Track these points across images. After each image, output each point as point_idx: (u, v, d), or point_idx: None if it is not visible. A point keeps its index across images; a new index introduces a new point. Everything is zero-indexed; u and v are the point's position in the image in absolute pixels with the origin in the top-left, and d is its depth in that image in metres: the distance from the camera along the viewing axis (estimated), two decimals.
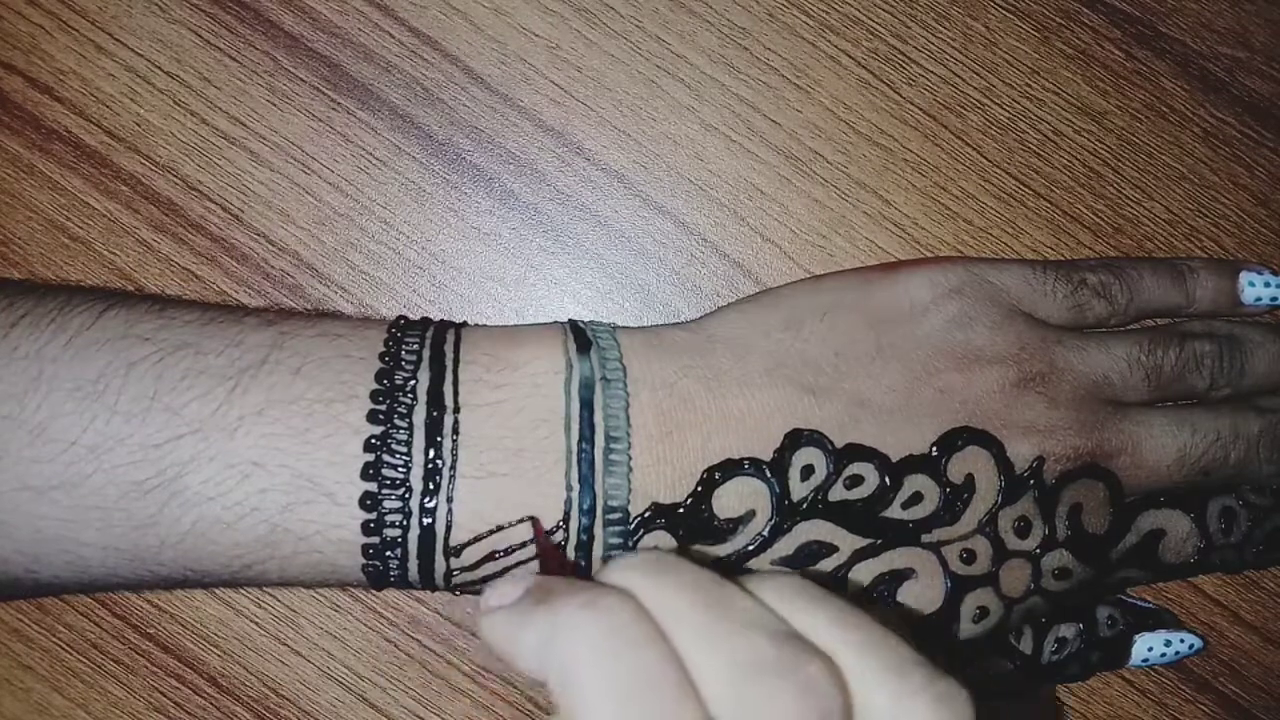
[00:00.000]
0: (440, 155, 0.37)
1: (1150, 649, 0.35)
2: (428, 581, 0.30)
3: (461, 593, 0.31)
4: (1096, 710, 0.38)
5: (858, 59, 0.37)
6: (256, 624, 0.36)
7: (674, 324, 0.33)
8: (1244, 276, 0.36)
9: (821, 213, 0.37)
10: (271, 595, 0.36)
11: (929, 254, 0.37)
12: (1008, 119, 0.37)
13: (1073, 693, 0.37)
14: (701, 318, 0.33)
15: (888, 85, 0.37)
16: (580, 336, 0.31)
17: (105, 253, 0.36)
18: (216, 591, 0.36)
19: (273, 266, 0.36)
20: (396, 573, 0.29)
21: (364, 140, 0.36)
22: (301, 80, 0.36)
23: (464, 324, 0.32)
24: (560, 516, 0.29)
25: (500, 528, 0.29)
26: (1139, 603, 0.36)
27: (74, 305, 0.30)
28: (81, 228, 0.36)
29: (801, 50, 0.37)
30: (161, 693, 0.36)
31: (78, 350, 0.29)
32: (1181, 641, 0.35)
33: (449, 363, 0.30)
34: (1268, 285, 0.35)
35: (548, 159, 0.37)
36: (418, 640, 0.36)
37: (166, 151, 0.36)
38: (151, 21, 0.36)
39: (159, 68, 0.36)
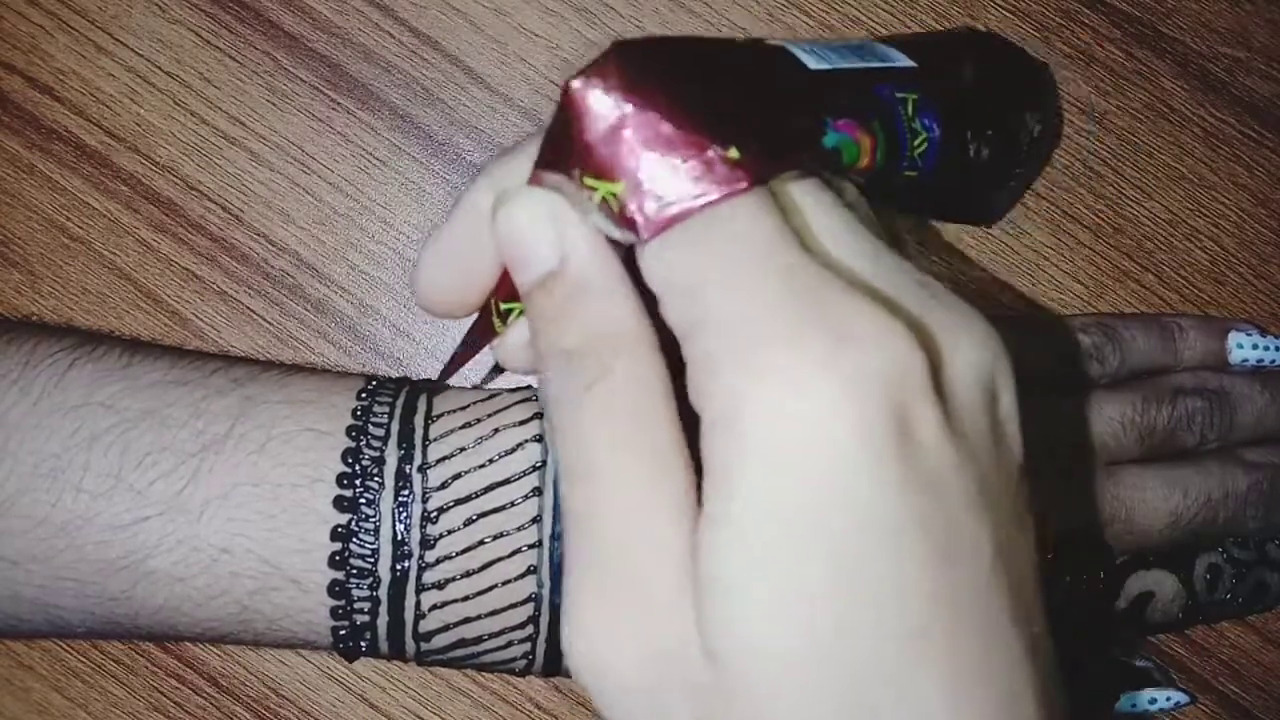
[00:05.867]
0: (440, 155, 0.37)
1: (1134, 705, 0.35)
2: (398, 657, 0.30)
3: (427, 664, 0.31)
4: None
5: None
6: None
7: None
8: (1232, 338, 0.35)
9: None
10: None
11: (928, 253, 0.37)
12: None
13: None
14: None
15: None
16: None
17: (105, 253, 0.36)
18: None
19: (273, 266, 0.36)
20: (367, 651, 0.30)
21: (364, 140, 0.36)
22: (301, 80, 0.36)
23: (438, 390, 0.31)
24: (531, 612, 0.29)
25: (469, 620, 0.29)
26: (1129, 661, 0.36)
27: (38, 361, 0.29)
28: (81, 228, 0.36)
29: None
30: (161, 693, 0.36)
31: (41, 418, 0.28)
32: (1167, 699, 0.35)
33: (418, 442, 0.29)
34: (1255, 347, 0.35)
35: None
36: None
37: (166, 151, 0.36)
38: (151, 21, 0.36)
39: (159, 68, 0.36)
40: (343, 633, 0.29)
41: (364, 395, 0.30)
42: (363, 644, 0.29)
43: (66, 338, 0.30)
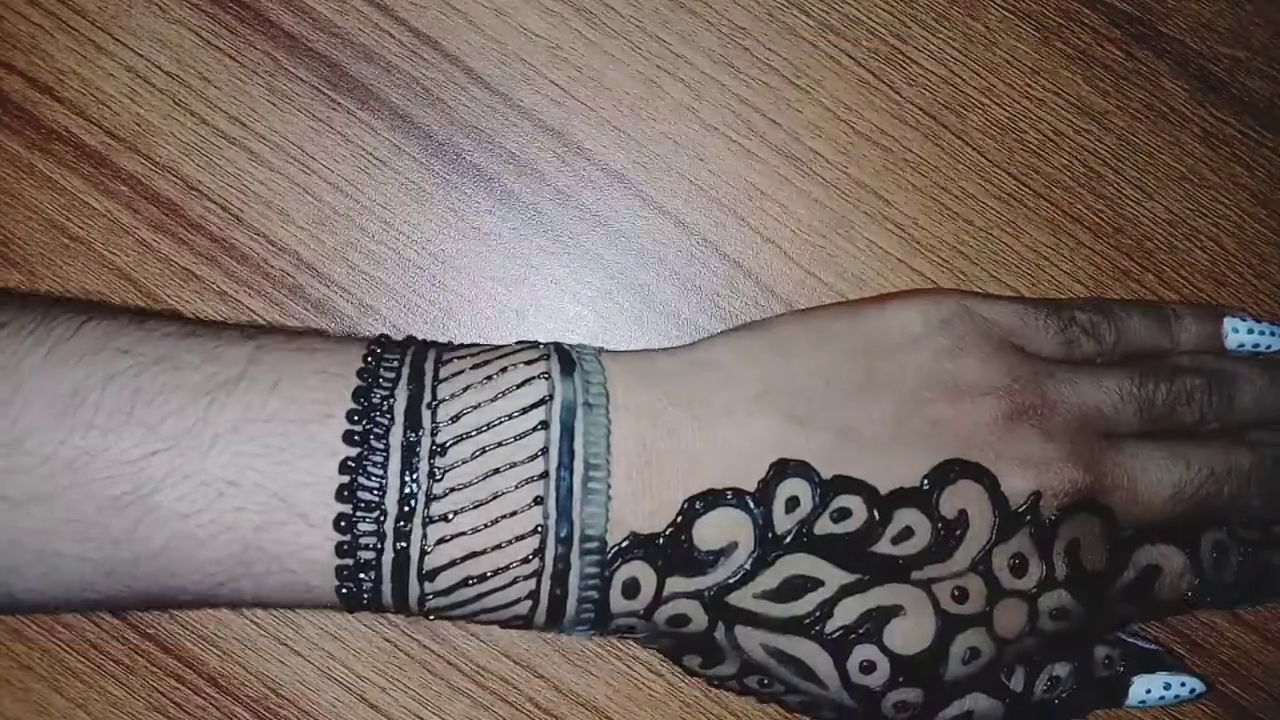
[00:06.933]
0: (440, 155, 0.37)
1: (1149, 691, 0.34)
2: (401, 605, 0.30)
3: (436, 618, 0.31)
4: (1098, 710, 0.38)
5: (858, 59, 0.37)
6: (256, 624, 0.36)
7: (662, 349, 0.33)
8: (1228, 323, 0.36)
9: (821, 213, 0.37)
10: None
11: (929, 254, 0.37)
12: (1008, 119, 0.37)
13: None
14: (690, 344, 0.33)
15: (888, 85, 0.37)
16: (565, 359, 0.31)
17: (105, 253, 0.36)
18: None
19: (273, 266, 0.36)
20: (370, 595, 0.29)
21: (364, 140, 0.36)
22: (301, 80, 0.36)
23: (447, 344, 0.32)
24: (536, 545, 0.29)
25: (475, 554, 0.29)
26: (1139, 644, 0.36)
27: (54, 316, 0.30)
28: (81, 228, 0.36)
29: (801, 50, 0.37)
30: (161, 693, 0.36)
31: (56, 363, 0.29)
32: (1182, 685, 0.34)
33: (428, 382, 0.30)
34: (1250, 332, 0.36)
35: (548, 159, 0.37)
36: (418, 640, 0.36)
37: (166, 151, 0.36)
38: (151, 21, 0.36)
39: (159, 68, 0.36)
40: (346, 572, 0.29)
41: (375, 346, 0.31)
42: (365, 586, 0.29)
43: (78, 303, 0.31)
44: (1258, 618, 0.38)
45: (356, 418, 0.29)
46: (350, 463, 0.28)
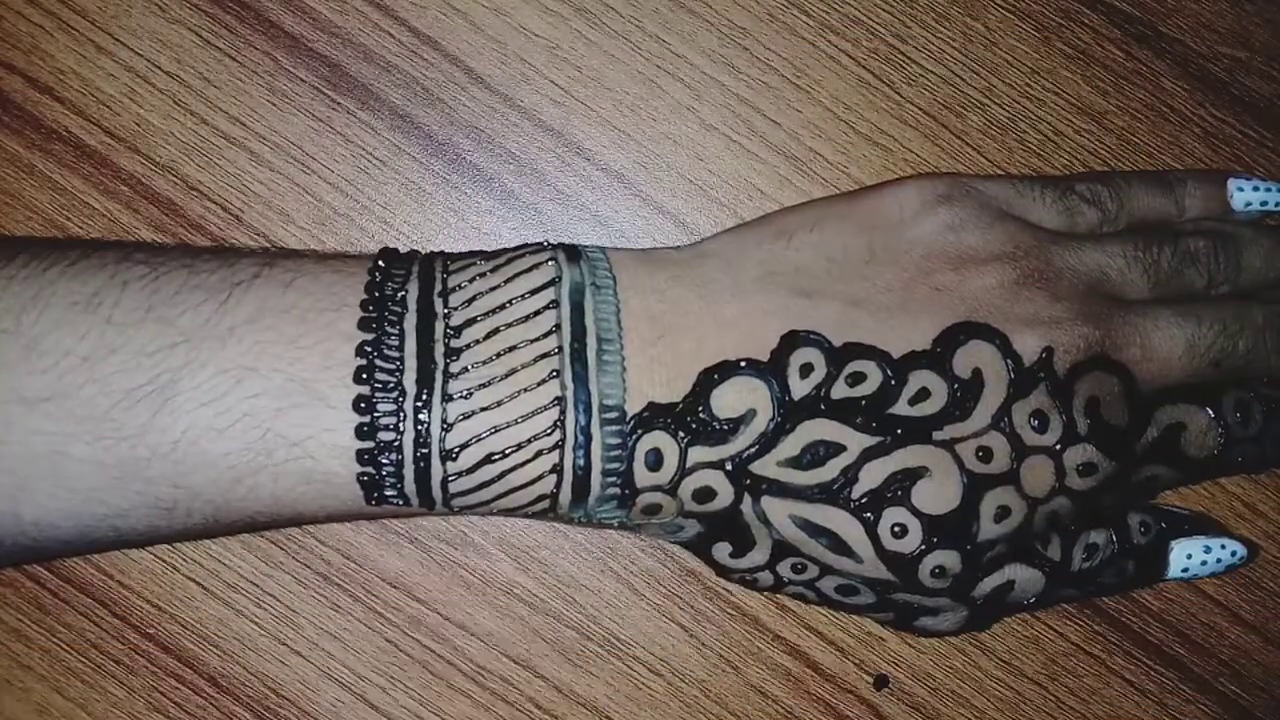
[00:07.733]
0: (440, 155, 0.37)
1: (1190, 556, 0.34)
2: (424, 492, 0.30)
3: (461, 511, 0.31)
4: (1097, 710, 0.38)
5: (858, 59, 0.37)
6: (256, 624, 0.36)
7: (664, 247, 0.34)
8: (1233, 183, 0.35)
9: None
10: (271, 595, 0.36)
11: None
12: (1008, 119, 0.37)
13: (1073, 693, 0.37)
14: (691, 243, 0.34)
15: (888, 85, 0.37)
16: (569, 250, 0.32)
17: None
18: (216, 591, 0.36)
19: None
20: (392, 480, 0.29)
21: (364, 140, 0.36)
22: (301, 80, 0.36)
23: (451, 253, 0.32)
24: (556, 416, 0.29)
25: (496, 429, 0.29)
26: (1174, 509, 0.35)
27: (72, 244, 0.31)
28: (81, 228, 0.36)
29: (801, 50, 0.37)
30: (161, 693, 0.36)
31: (76, 272, 0.29)
32: (1223, 548, 0.34)
33: (438, 274, 0.31)
34: (1256, 190, 0.35)
35: (548, 159, 0.37)
36: (418, 640, 0.36)
37: (166, 151, 0.36)
38: (151, 21, 0.36)
39: (159, 68, 0.36)
40: (367, 456, 0.29)
41: (385, 250, 0.32)
42: (387, 470, 0.29)
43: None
44: (1258, 618, 0.38)
45: (371, 307, 0.30)
46: (367, 347, 0.29)
